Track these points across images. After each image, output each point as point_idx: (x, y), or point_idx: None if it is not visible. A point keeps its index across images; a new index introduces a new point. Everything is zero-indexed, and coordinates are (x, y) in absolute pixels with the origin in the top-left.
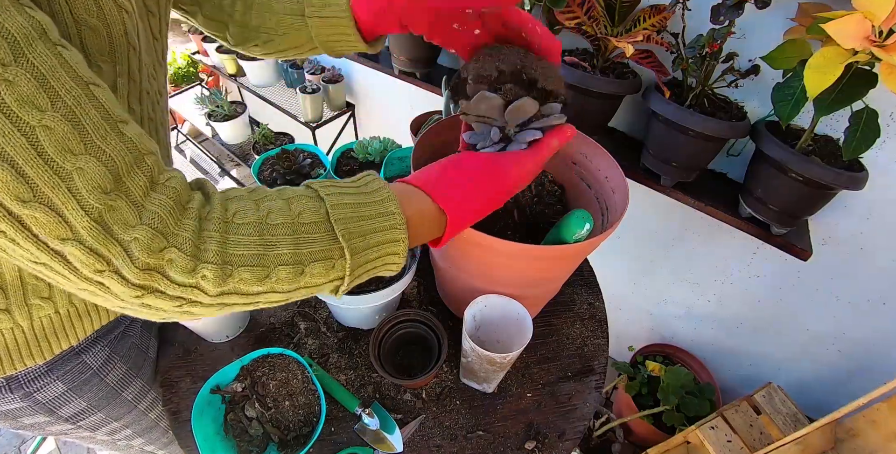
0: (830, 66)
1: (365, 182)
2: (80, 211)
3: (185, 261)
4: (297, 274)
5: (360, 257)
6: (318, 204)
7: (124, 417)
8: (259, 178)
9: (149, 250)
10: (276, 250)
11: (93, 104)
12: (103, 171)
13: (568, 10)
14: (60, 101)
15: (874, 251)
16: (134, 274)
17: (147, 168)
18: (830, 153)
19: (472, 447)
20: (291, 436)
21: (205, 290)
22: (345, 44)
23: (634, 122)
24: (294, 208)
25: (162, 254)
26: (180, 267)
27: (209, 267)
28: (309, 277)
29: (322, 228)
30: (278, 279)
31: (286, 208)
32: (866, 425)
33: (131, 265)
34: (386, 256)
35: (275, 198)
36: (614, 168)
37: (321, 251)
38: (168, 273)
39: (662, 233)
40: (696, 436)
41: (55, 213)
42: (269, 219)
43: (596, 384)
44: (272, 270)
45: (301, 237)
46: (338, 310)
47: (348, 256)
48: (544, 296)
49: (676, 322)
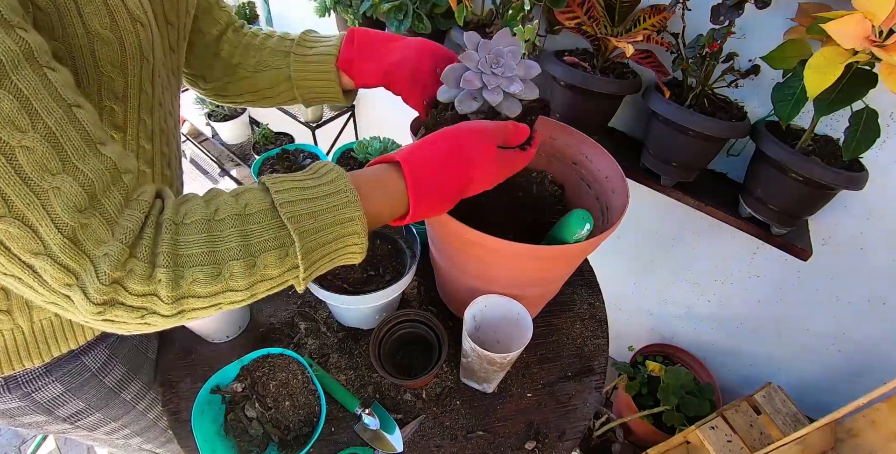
0: (830, 66)
1: (315, 168)
2: (54, 228)
3: (142, 269)
4: (250, 267)
5: (312, 240)
6: (264, 194)
7: (123, 417)
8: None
9: (116, 264)
10: (225, 245)
11: (74, 126)
12: (79, 191)
13: (568, 10)
14: (41, 123)
15: (874, 251)
16: (99, 289)
17: (123, 186)
18: (830, 153)
19: (472, 447)
20: (291, 436)
21: (161, 297)
22: (321, 87)
23: (634, 122)
24: (241, 201)
25: (125, 266)
26: (139, 275)
27: (162, 270)
28: (263, 269)
29: (269, 216)
30: (232, 274)
31: (233, 202)
32: (866, 425)
33: (97, 280)
34: (344, 237)
35: (224, 195)
36: (614, 168)
37: (271, 239)
38: (128, 284)
39: (662, 234)
40: (696, 436)
41: (29, 229)
42: (216, 215)
43: (596, 384)
44: (223, 266)
45: (248, 228)
46: (338, 311)
47: (297, 239)
48: (544, 296)
49: (676, 322)
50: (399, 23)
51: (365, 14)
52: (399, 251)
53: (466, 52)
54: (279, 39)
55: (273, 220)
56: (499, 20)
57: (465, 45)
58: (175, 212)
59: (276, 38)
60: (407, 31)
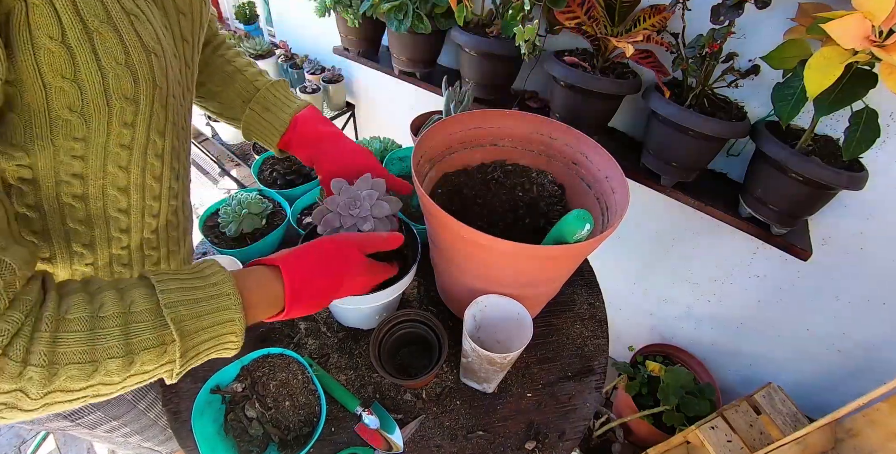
0: (830, 66)
1: (201, 268)
2: None
3: (13, 368)
4: (128, 364)
5: (193, 339)
6: (150, 291)
7: (123, 416)
8: (259, 178)
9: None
10: (107, 343)
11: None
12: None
13: (568, 10)
14: None
15: (874, 251)
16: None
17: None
18: (830, 153)
19: (472, 447)
20: (292, 436)
21: (29, 394)
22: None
23: (634, 122)
24: (126, 298)
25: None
26: (8, 374)
27: (35, 369)
28: (140, 365)
29: (153, 315)
30: (108, 372)
31: (118, 299)
32: (866, 425)
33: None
34: (221, 337)
35: (109, 288)
36: (614, 168)
37: (152, 338)
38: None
39: (662, 234)
40: (696, 436)
41: None
42: (100, 311)
43: (596, 384)
44: (101, 364)
45: (131, 328)
46: (338, 311)
47: (177, 339)
48: (544, 296)
49: (676, 322)
50: (399, 23)
51: (365, 14)
52: (399, 252)
53: (330, 197)
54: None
55: (157, 320)
56: (499, 20)
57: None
58: (56, 306)
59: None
60: (407, 31)
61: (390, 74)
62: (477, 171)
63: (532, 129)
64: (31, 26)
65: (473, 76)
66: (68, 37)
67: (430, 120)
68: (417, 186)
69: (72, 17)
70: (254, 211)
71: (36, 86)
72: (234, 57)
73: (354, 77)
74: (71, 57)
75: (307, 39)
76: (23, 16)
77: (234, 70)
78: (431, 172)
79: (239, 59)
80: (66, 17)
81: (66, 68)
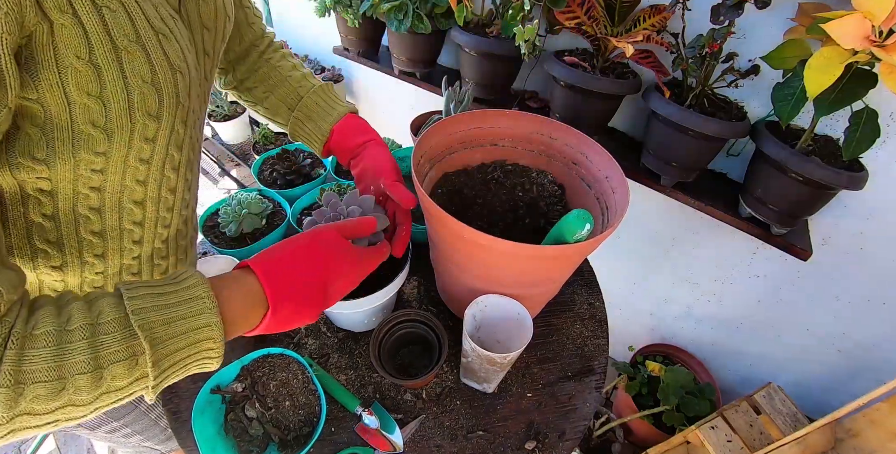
0: (830, 66)
1: (175, 274)
2: None
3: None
4: (97, 379)
5: (164, 347)
6: (118, 301)
7: (124, 418)
8: (259, 178)
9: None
10: (73, 358)
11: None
12: None
13: (568, 10)
14: None
15: (874, 251)
16: None
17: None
18: (830, 153)
19: (472, 447)
20: (292, 436)
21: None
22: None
23: (634, 122)
24: (94, 309)
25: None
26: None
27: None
28: (110, 381)
29: (121, 325)
30: (77, 389)
31: (86, 311)
32: (866, 425)
33: None
34: (198, 344)
35: (78, 302)
36: (614, 168)
37: (122, 350)
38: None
39: (662, 234)
40: (696, 436)
41: None
42: (68, 324)
43: (596, 384)
44: (69, 381)
45: (99, 339)
46: (334, 315)
47: (147, 348)
48: (544, 296)
49: (676, 322)
50: (399, 23)
51: (365, 14)
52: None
53: (318, 210)
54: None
55: (125, 330)
56: (499, 20)
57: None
58: (25, 322)
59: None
60: (407, 31)
61: (390, 74)
62: (477, 171)
63: (532, 129)
64: (56, 46)
65: (473, 76)
66: (96, 55)
67: (430, 120)
68: (417, 186)
69: (101, 37)
70: (254, 211)
71: (60, 102)
72: (279, 60)
73: (354, 77)
74: (97, 75)
75: (307, 39)
76: (46, 36)
77: (280, 76)
78: (431, 172)
79: (284, 62)
80: (95, 36)
81: (91, 86)
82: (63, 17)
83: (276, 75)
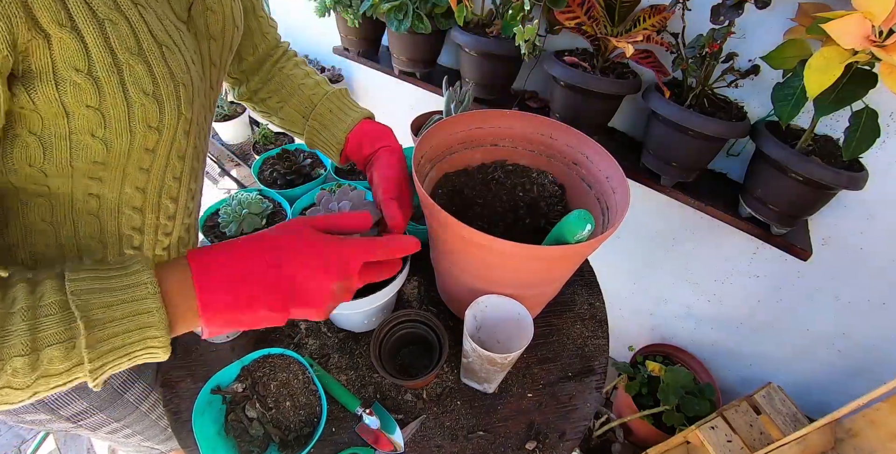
0: (830, 66)
1: (121, 259)
2: None
3: None
4: (33, 362)
5: (101, 330)
6: (61, 283)
7: (125, 418)
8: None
9: None
10: (12, 340)
11: None
12: None
13: (568, 10)
14: None
15: (874, 251)
16: None
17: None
18: (830, 153)
19: (472, 447)
20: (292, 436)
21: None
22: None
23: (634, 122)
24: (37, 291)
25: None
26: None
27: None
28: (47, 364)
29: (61, 307)
30: (14, 371)
31: (29, 293)
32: (866, 425)
33: None
34: (139, 330)
35: (23, 284)
36: (615, 168)
37: (60, 332)
38: None
39: (662, 234)
40: (696, 436)
41: None
42: (12, 307)
43: (596, 384)
44: (7, 363)
45: (38, 322)
46: (334, 315)
47: (83, 329)
48: (545, 297)
49: (676, 322)
50: (399, 23)
51: (365, 14)
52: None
53: (313, 208)
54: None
55: (65, 313)
56: (499, 20)
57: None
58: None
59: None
60: (407, 31)
61: (390, 74)
62: (477, 171)
63: (532, 130)
64: (54, 60)
65: (473, 76)
66: (96, 68)
67: (430, 120)
68: (418, 186)
69: (102, 50)
70: (254, 211)
71: (57, 113)
72: (292, 69)
73: (354, 77)
74: (97, 88)
75: (307, 39)
76: (43, 50)
77: (293, 85)
78: (432, 172)
79: (297, 70)
80: (95, 50)
81: (90, 98)
82: (62, 31)
83: (289, 84)
